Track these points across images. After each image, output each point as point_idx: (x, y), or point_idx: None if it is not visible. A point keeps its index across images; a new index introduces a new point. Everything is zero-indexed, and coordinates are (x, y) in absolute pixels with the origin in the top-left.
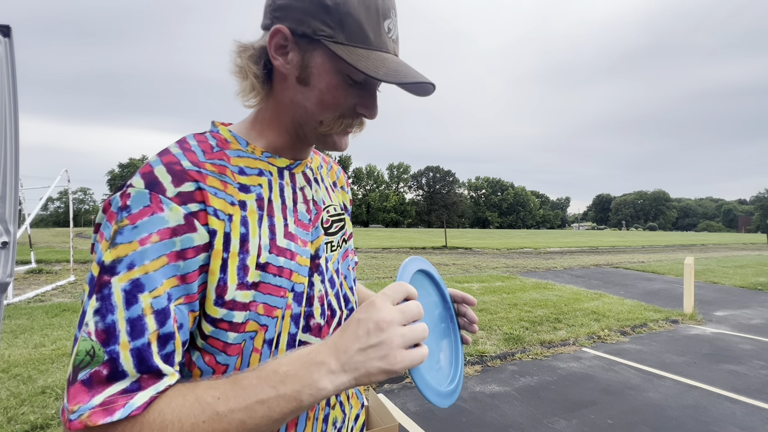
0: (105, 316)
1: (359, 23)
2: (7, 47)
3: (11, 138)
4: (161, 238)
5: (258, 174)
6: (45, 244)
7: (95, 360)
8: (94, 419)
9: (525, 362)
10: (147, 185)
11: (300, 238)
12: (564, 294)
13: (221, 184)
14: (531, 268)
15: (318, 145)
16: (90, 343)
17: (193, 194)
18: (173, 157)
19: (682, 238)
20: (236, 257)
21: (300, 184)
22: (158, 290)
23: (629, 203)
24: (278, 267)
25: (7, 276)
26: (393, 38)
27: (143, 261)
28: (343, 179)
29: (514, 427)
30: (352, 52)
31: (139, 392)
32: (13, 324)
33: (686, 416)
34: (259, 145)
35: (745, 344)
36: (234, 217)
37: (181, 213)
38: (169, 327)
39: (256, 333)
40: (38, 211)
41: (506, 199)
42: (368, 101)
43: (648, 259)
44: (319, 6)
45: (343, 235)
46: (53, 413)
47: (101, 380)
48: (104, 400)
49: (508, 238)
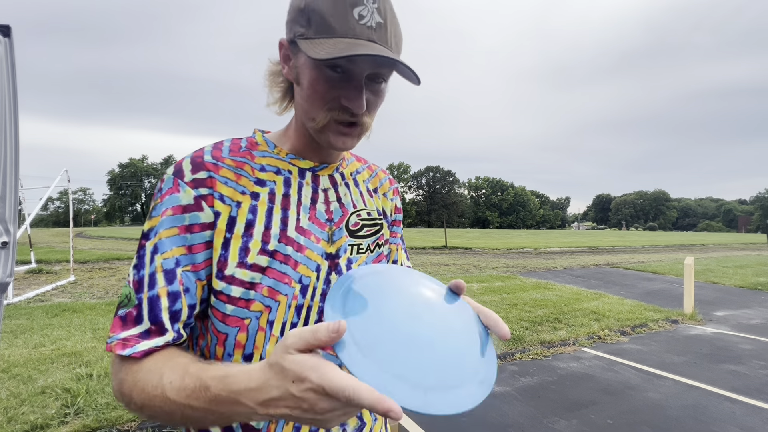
0: (138, 271)
1: (322, 16)
2: (7, 47)
3: (11, 138)
4: (174, 213)
5: (276, 172)
6: (45, 244)
7: (130, 303)
8: (115, 349)
9: (525, 362)
10: (174, 172)
11: (313, 234)
12: (564, 294)
13: (234, 176)
14: (531, 268)
15: (323, 144)
16: (128, 289)
17: (204, 181)
18: (201, 152)
19: (682, 238)
20: (239, 239)
21: (324, 186)
22: (167, 254)
23: (629, 203)
24: (285, 255)
25: (7, 276)
26: (368, 24)
27: (160, 230)
28: (387, 187)
29: (514, 427)
30: (313, 43)
31: (144, 340)
32: (13, 324)
33: (686, 416)
34: (285, 148)
35: (745, 344)
36: (243, 205)
37: (192, 195)
38: (175, 286)
39: (261, 313)
40: (38, 211)
41: (506, 199)
42: (351, 93)
43: (648, 259)
44: (297, 11)
45: (377, 240)
46: (53, 413)
47: (131, 320)
48: (125, 336)
49: (508, 238)
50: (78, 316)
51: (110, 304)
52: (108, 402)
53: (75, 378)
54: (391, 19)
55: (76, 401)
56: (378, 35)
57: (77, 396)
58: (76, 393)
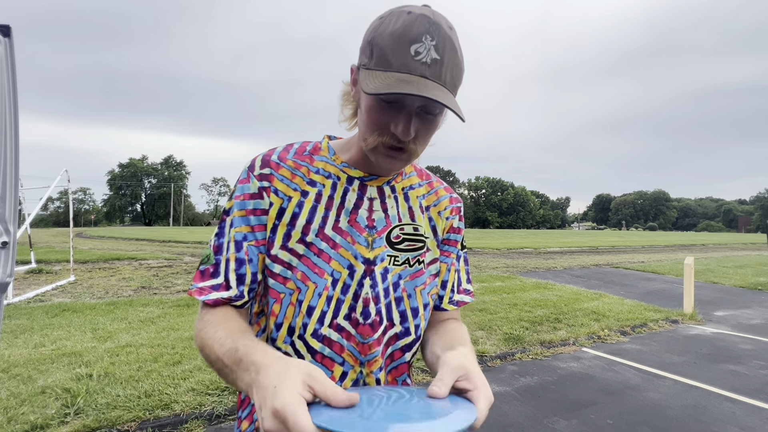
0: (218, 238)
1: (383, 50)
2: (7, 47)
3: (11, 138)
4: (243, 198)
5: (327, 176)
6: (45, 244)
7: (208, 261)
8: (194, 294)
9: (525, 362)
10: (249, 166)
11: (350, 236)
12: (564, 294)
13: (291, 174)
14: (531, 268)
15: (374, 162)
16: (209, 251)
17: (267, 176)
18: (272, 152)
19: (682, 238)
20: (285, 226)
21: (370, 195)
22: (237, 229)
23: (629, 203)
24: (319, 249)
25: (7, 276)
26: (423, 60)
27: (234, 210)
28: (445, 205)
29: (514, 427)
30: (370, 74)
31: (215, 291)
32: (13, 324)
33: (686, 416)
34: (343, 157)
35: (745, 344)
36: (293, 199)
37: (257, 185)
38: (241, 255)
39: (293, 291)
40: (38, 211)
41: (506, 199)
42: (400, 121)
43: (648, 259)
44: (366, 42)
45: (418, 256)
46: (53, 413)
47: (208, 274)
48: (202, 286)
49: (508, 238)
50: (78, 316)
51: (110, 304)
52: (108, 402)
53: (75, 378)
54: (449, 56)
55: (76, 401)
56: (431, 71)
57: (77, 396)
58: (76, 393)
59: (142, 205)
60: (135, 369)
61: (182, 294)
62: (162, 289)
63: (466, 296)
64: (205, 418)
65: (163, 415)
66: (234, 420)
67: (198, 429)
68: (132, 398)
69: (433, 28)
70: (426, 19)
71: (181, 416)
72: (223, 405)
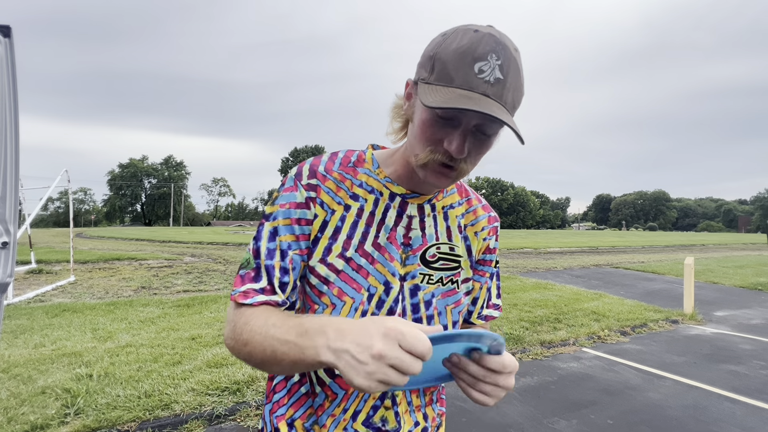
0: (257, 242)
1: (445, 65)
2: (7, 47)
3: (11, 138)
4: (290, 207)
5: (370, 191)
6: (45, 244)
7: (249, 265)
8: (238, 299)
9: (525, 362)
10: (296, 174)
11: (388, 252)
12: (564, 294)
13: (336, 187)
14: (531, 268)
15: (421, 178)
16: (249, 255)
17: (314, 187)
18: (318, 161)
19: (682, 238)
20: (327, 239)
21: (410, 213)
22: (283, 238)
23: (629, 203)
24: (358, 265)
25: (7, 276)
26: (486, 79)
27: (278, 218)
28: (483, 225)
29: (514, 427)
30: (431, 88)
31: (260, 295)
32: (13, 324)
33: (686, 416)
34: (387, 171)
35: (745, 344)
36: (336, 213)
37: (304, 195)
38: (286, 263)
39: (327, 306)
40: (38, 211)
41: (506, 200)
42: (454, 138)
43: (648, 259)
44: (426, 57)
45: (452, 276)
46: (53, 413)
47: (249, 278)
48: (245, 290)
49: (508, 238)
50: (78, 317)
51: (110, 304)
52: (108, 402)
53: (75, 378)
54: (513, 77)
55: (76, 401)
56: (494, 91)
57: (77, 396)
58: (76, 393)
59: (142, 205)
60: (135, 369)
61: (182, 294)
62: (162, 289)
63: (495, 311)
64: (205, 419)
65: (163, 415)
66: (233, 420)
67: (198, 429)
68: (132, 398)
69: (499, 48)
70: (493, 39)
71: (181, 416)
72: (223, 405)
